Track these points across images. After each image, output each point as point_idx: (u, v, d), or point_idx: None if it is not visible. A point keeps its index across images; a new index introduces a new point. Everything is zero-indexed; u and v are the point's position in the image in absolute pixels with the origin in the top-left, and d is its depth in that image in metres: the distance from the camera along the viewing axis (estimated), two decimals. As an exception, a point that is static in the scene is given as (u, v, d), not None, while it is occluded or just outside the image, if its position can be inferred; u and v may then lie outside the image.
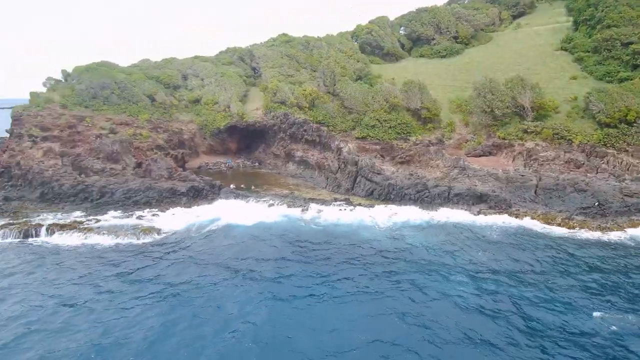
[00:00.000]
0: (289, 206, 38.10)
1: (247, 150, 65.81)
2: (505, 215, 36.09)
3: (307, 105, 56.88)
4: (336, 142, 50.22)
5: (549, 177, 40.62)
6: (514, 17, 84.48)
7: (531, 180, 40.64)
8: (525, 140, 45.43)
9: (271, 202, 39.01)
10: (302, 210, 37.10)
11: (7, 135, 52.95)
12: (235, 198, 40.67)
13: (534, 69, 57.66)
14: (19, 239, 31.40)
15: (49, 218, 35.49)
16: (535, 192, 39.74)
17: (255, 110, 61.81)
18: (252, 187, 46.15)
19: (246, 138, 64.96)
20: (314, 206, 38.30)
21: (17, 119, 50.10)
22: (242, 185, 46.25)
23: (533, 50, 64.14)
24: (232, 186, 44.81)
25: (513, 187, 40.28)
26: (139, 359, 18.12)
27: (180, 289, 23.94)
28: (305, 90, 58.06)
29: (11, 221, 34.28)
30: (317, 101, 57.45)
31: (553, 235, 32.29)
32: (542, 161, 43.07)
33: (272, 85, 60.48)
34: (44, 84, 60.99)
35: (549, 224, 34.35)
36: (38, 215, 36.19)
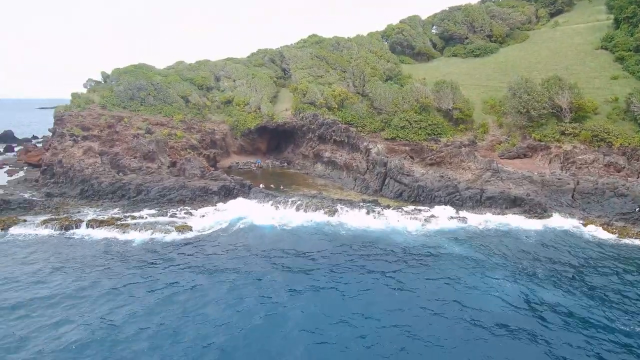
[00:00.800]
0: (316, 207, 38.00)
1: (276, 150, 66.66)
2: (542, 220, 35.03)
3: (336, 106, 57.01)
4: (365, 143, 50.04)
5: (587, 180, 39.09)
6: (552, 15, 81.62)
7: (568, 184, 39.24)
8: (563, 142, 43.86)
9: (299, 202, 39.17)
10: (330, 212, 37.04)
11: (50, 134, 55.75)
12: (264, 197, 41.15)
13: (572, 69, 55.62)
14: (61, 234, 32.91)
15: (88, 214, 37.11)
16: (573, 197, 38.34)
17: (284, 111, 62.52)
18: (281, 187, 46.66)
19: (275, 138, 65.81)
20: (341, 207, 38.16)
21: (59, 119, 52.68)
22: (271, 185, 46.84)
23: (571, 49, 61.82)
24: (261, 186, 45.41)
25: (549, 190, 39.01)
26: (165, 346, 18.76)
27: (211, 285, 24.58)
28: (334, 91, 58.20)
29: (53, 216, 36.00)
30: (346, 102, 57.48)
31: (591, 241, 31.11)
32: (580, 164, 41.46)
33: (301, 86, 60.94)
34: (85, 85, 63.89)
35: (587, 229, 33.15)
36: (78, 211, 37.89)
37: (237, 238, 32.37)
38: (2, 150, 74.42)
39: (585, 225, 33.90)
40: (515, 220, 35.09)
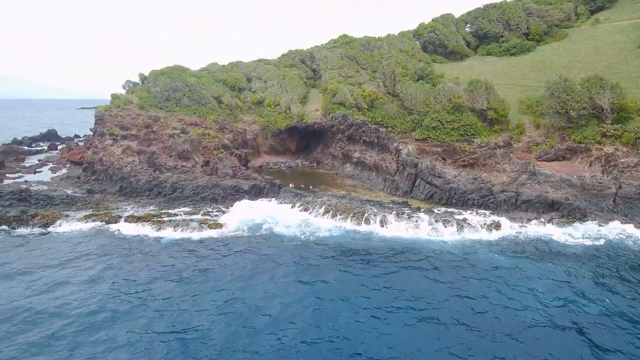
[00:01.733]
0: (345, 209, 37.27)
1: (305, 150, 67.09)
2: (582, 224, 33.60)
3: (366, 107, 56.80)
4: (395, 144, 49.64)
5: (630, 185, 37.33)
6: (592, 12, 78.50)
7: (609, 188, 37.62)
8: (604, 145, 42.07)
9: (329, 202, 38.93)
10: (359, 216, 36.16)
11: (91, 133, 58.26)
12: (293, 197, 41.34)
13: (614, 68, 53.34)
14: (100, 229, 34.38)
15: (127, 210, 38.57)
16: (614, 201, 36.75)
17: (314, 111, 62.87)
18: (310, 187, 46.93)
19: (305, 139, 66.25)
20: (370, 208, 37.57)
21: (99, 119, 54.97)
22: (301, 185, 47.21)
23: (613, 48, 59.28)
24: (291, 185, 45.85)
25: (589, 195, 37.51)
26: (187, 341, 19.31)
27: (237, 285, 25.04)
28: (364, 91, 58.02)
29: (94, 212, 37.66)
30: (376, 102, 57.16)
31: (634, 247, 29.70)
32: (623, 168, 39.62)
33: (331, 87, 61.07)
34: (124, 87, 66.40)
35: (630, 234, 31.70)
36: (117, 208, 39.43)
37: (265, 238, 32.74)
38: (46, 148, 78.41)
39: (629, 229, 32.47)
40: (554, 226, 33.67)
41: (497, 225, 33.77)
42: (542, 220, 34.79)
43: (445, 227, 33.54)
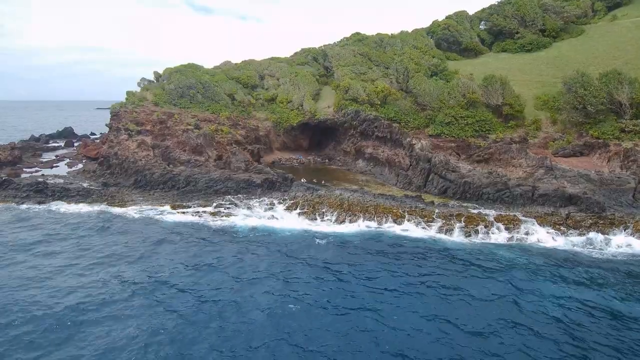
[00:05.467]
0: (357, 205, 36.89)
1: (317, 147, 67.10)
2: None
3: (379, 102, 56.53)
4: (408, 139, 49.27)
5: (651, 180, 36.50)
6: (609, 9, 76.93)
7: (629, 183, 36.84)
8: (623, 140, 41.19)
9: (342, 196, 38.83)
10: (369, 212, 35.88)
11: (107, 131, 59.05)
12: (305, 191, 41.18)
13: (633, 64, 52.06)
14: (115, 217, 34.87)
15: (141, 202, 38.99)
16: (634, 196, 35.98)
17: (326, 107, 62.77)
18: (323, 182, 46.89)
19: (317, 135, 66.28)
20: (383, 202, 37.46)
21: (115, 115, 55.75)
22: (313, 180, 47.18)
23: (632, 44, 57.91)
24: (303, 180, 45.87)
25: (607, 190, 36.75)
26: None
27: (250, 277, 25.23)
28: (377, 87, 57.74)
29: (109, 204, 38.26)
30: (389, 98, 56.85)
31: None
32: (643, 163, 38.76)
33: (344, 83, 60.93)
34: (139, 84, 67.26)
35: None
36: (132, 200, 39.91)
37: (272, 235, 32.71)
38: (62, 145, 79.72)
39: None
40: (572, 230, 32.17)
41: (515, 221, 33.10)
42: (561, 215, 34.09)
43: (460, 222, 33.19)
